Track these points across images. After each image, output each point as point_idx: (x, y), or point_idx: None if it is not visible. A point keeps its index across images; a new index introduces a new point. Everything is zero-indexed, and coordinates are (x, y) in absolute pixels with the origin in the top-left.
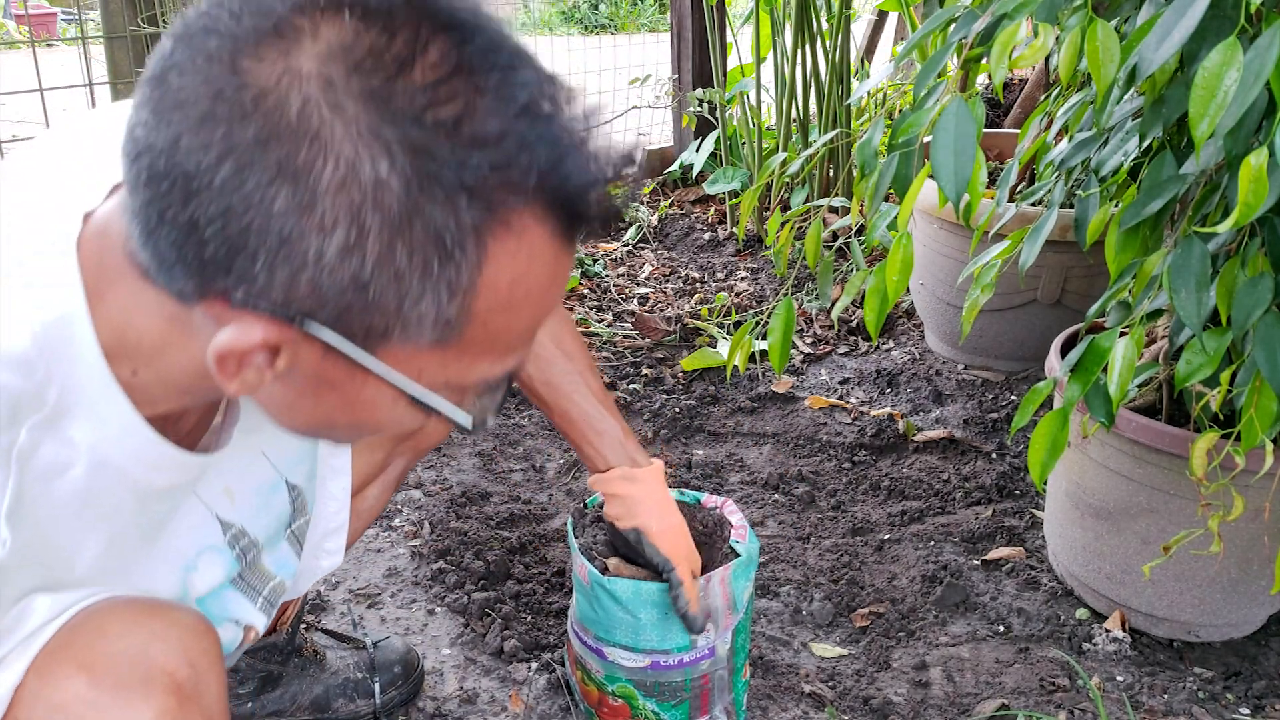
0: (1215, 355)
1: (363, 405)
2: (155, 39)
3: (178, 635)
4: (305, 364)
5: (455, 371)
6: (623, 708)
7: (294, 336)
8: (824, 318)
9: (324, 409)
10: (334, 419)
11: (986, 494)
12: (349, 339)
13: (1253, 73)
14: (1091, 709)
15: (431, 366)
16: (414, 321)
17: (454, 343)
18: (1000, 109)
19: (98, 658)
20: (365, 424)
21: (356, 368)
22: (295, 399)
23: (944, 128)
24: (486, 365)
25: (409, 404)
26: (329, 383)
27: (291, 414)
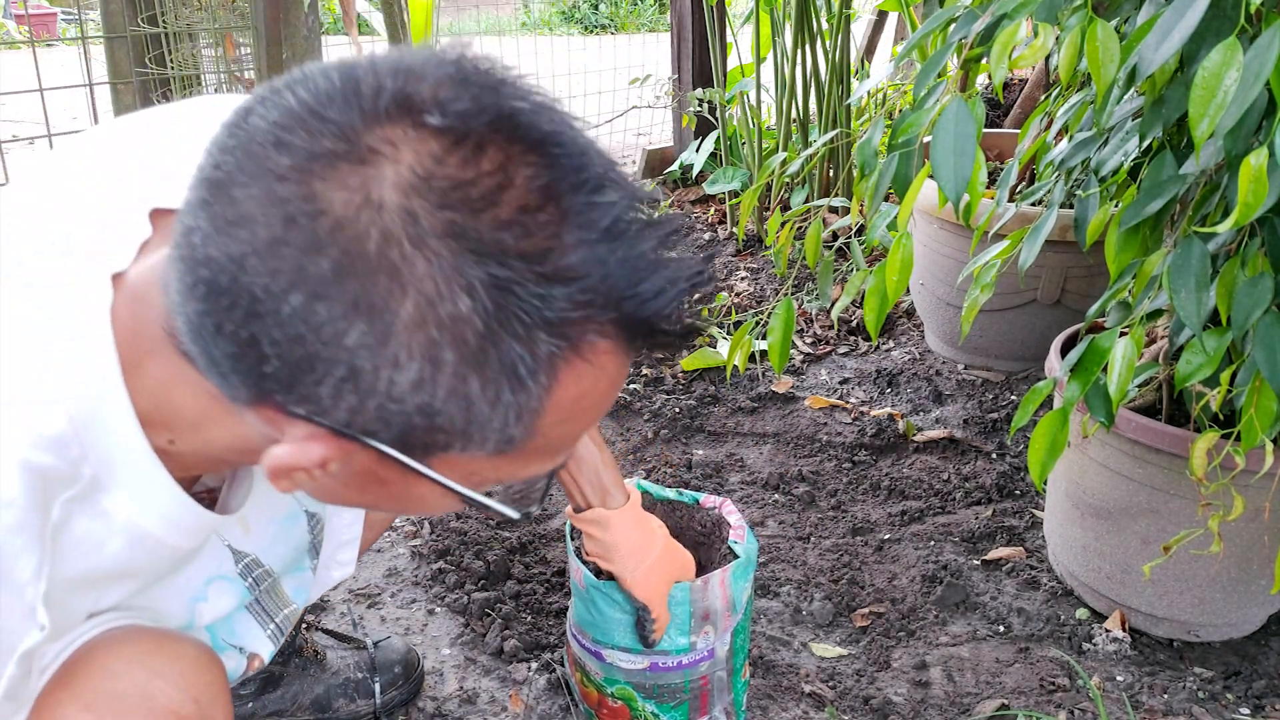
0: (1215, 355)
1: (410, 500)
2: (155, 39)
3: (180, 670)
4: (358, 464)
5: (507, 474)
6: (622, 709)
7: (353, 449)
8: (824, 318)
9: (370, 499)
10: (379, 505)
11: (986, 494)
12: (407, 453)
13: (1253, 73)
14: (1091, 709)
15: (485, 471)
16: (476, 440)
17: (511, 454)
18: (1000, 109)
19: (100, 698)
20: (409, 511)
21: (410, 472)
22: (342, 489)
23: (944, 128)
24: (538, 467)
25: (457, 500)
26: (379, 480)
27: (334, 498)
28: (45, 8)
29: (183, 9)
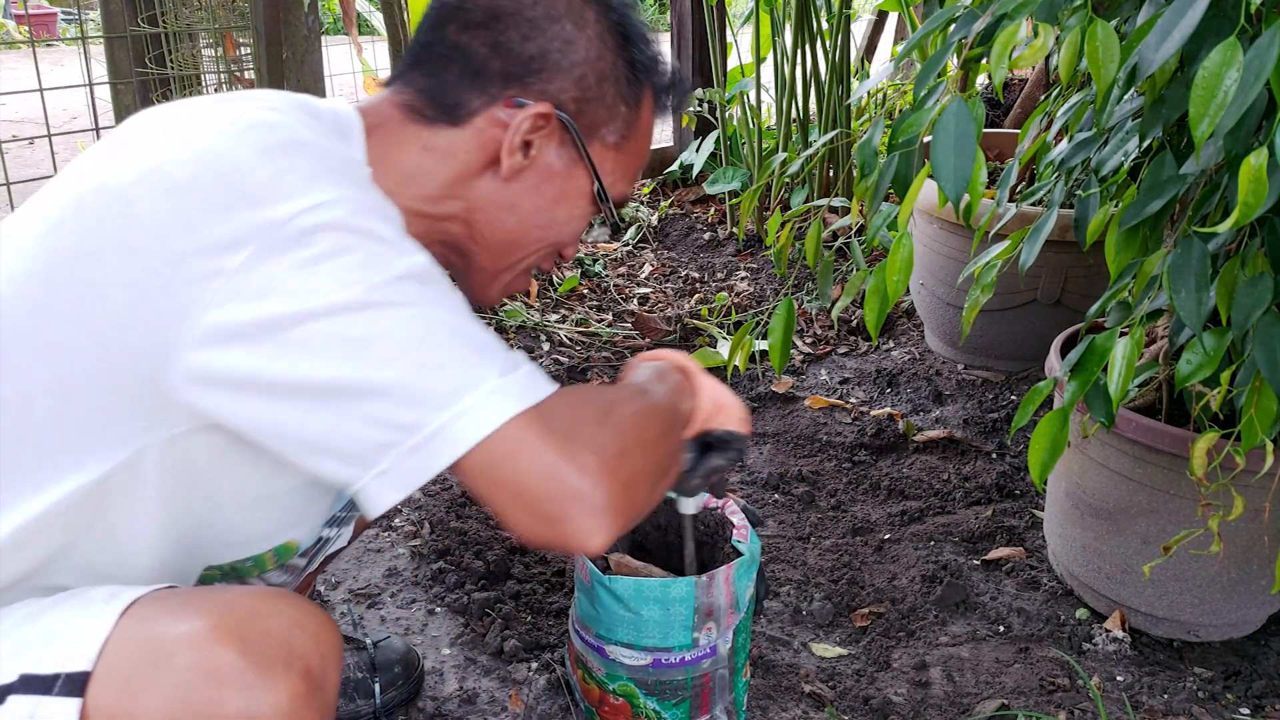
0: (1215, 355)
1: (565, 197)
2: (155, 39)
3: (315, 628)
4: (544, 156)
5: (612, 180)
6: (624, 706)
7: (553, 124)
8: (824, 318)
9: (537, 204)
10: (537, 218)
11: (986, 494)
12: (580, 133)
13: (1253, 73)
14: (1091, 709)
15: (606, 167)
16: (615, 120)
17: (622, 150)
18: (1000, 109)
19: (251, 632)
20: (554, 224)
21: (574, 159)
22: (521, 195)
23: (944, 128)
24: (623, 183)
25: (589, 200)
26: (552, 174)
27: (509, 216)
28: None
29: (183, 9)
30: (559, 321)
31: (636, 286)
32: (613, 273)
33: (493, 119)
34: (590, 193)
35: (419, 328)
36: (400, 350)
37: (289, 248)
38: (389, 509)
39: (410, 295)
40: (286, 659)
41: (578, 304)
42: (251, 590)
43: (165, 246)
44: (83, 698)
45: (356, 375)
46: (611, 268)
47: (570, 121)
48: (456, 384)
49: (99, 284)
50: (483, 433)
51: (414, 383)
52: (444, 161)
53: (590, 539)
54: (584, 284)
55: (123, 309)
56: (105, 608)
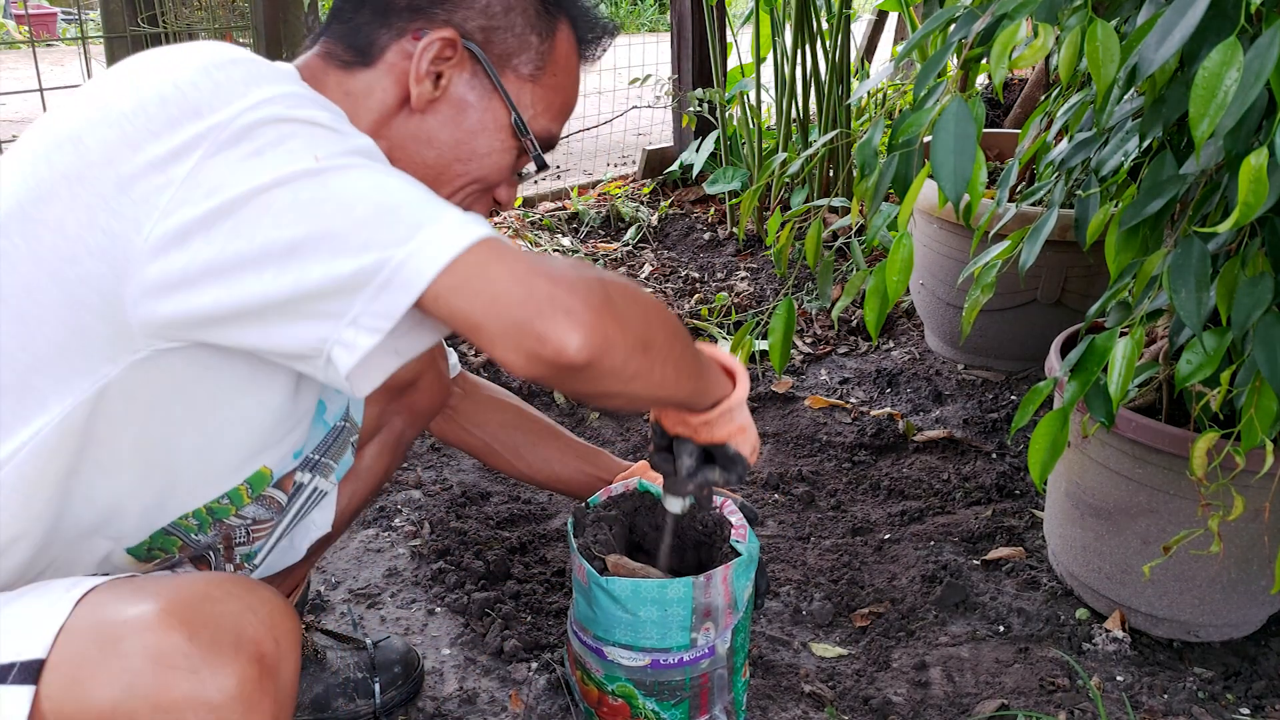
0: (1215, 355)
1: (483, 130)
2: (155, 39)
3: (268, 612)
4: (455, 88)
5: (533, 113)
6: (622, 707)
7: (462, 54)
8: (824, 318)
9: (455, 137)
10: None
11: (986, 494)
12: (489, 62)
13: (1253, 73)
14: (1091, 709)
15: (524, 100)
16: (526, 50)
17: (539, 82)
18: (1000, 109)
19: (198, 616)
20: (475, 156)
21: (487, 91)
22: (437, 129)
23: (944, 128)
24: (547, 118)
25: (509, 133)
26: (465, 105)
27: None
28: (45, 8)
29: (183, 9)
30: None
31: None
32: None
33: (401, 52)
34: (509, 124)
35: (372, 181)
36: (356, 199)
37: (234, 144)
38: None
39: (359, 162)
40: (236, 643)
41: None
42: (206, 575)
43: (114, 171)
44: (36, 685)
45: (314, 228)
46: (611, 268)
47: (478, 50)
48: (416, 218)
49: (51, 221)
50: (449, 255)
51: (373, 224)
52: (363, 102)
53: (567, 337)
54: None
55: (74, 238)
56: (64, 596)
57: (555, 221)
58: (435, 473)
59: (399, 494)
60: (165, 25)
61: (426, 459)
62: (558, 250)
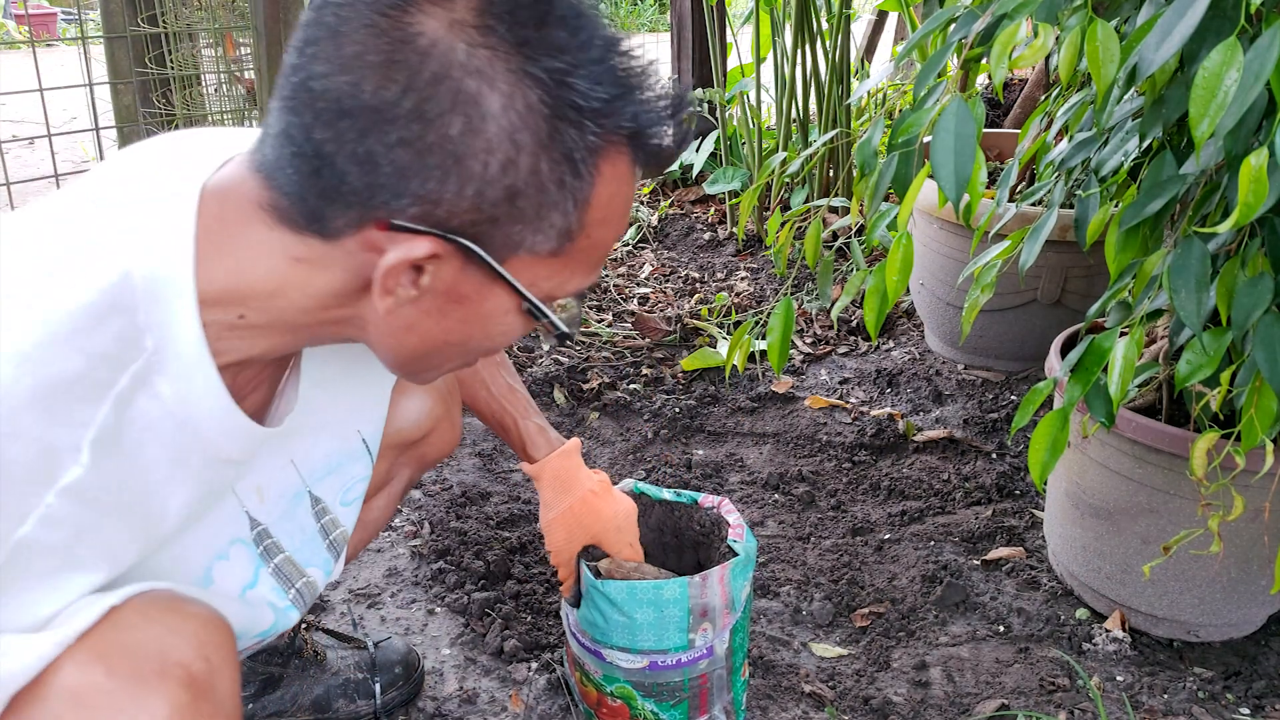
0: (1215, 355)
1: (482, 318)
2: (155, 39)
3: (193, 630)
4: (443, 279)
5: (557, 283)
6: (621, 708)
7: (448, 251)
8: (824, 318)
9: (445, 325)
10: (449, 337)
11: (986, 494)
12: (489, 252)
13: (1253, 73)
14: (1091, 709)
15: (542, 277)
16: (545, 230)
17: (565, 253)
18: (1000, 109)
19: (114, 648)
20: (474, 339)
21: (487, 279)
22: (420, 318)
23: (944, 128)
24: (579, 279)
25: (520, 314)
26: (459, 297)
27: (409, 335)
28: (45, 8)
29: (183, 9)
30: None
31: (636, 286)
32: (612, 273)
33: (366, 242)
34: (518, 308)
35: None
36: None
37: None
38: None
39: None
40: (160, 670)
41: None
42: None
43: None
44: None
45: None
46: (611, 268)
47: (470, 246)
48: None
49: None
50: None
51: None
52: (318, 274)
53: None
54: None
55: None
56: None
57: None
58: (435, 473)
59: None
60: (165, 25)
61: None
62: None
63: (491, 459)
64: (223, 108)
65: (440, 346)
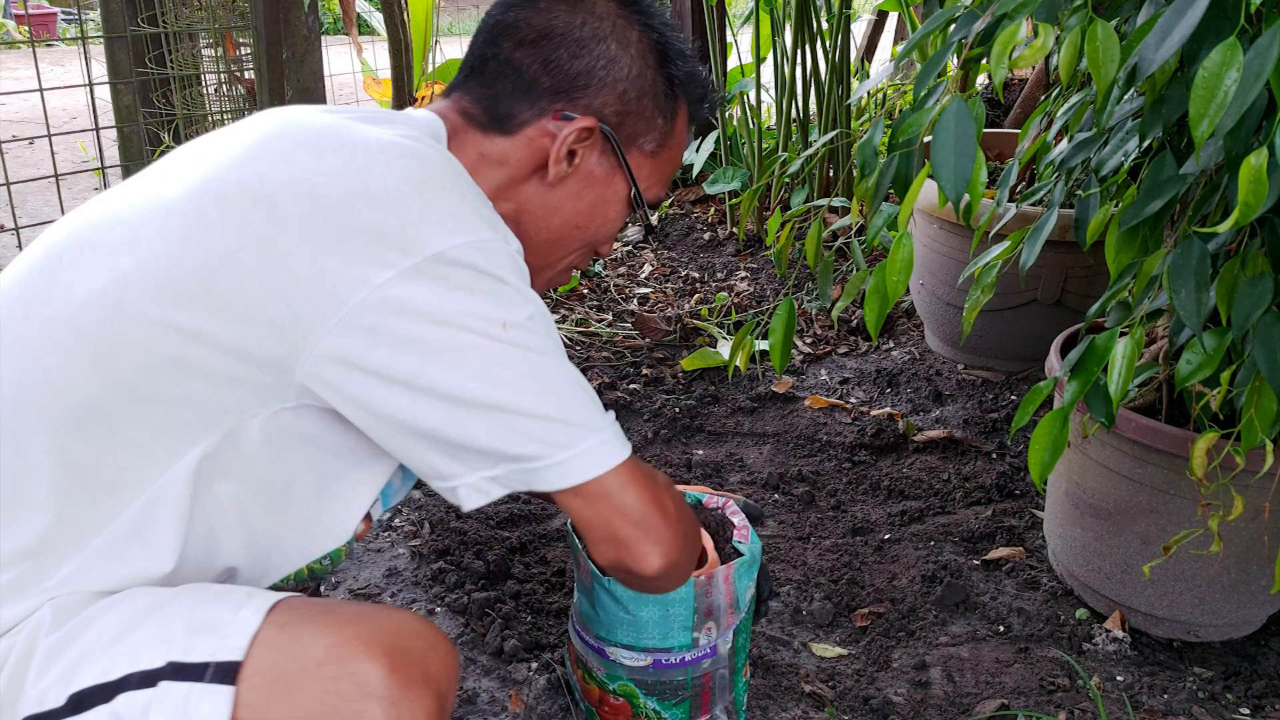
0: (1215, 355)
1: (604, 203)
2: (155, 39)
3: (445, 651)
4: (588, 163)
5: (647, 184)
6: (624, 706)
7: (596, 135)
8: (824, 318)
9: (579, 208)
10: (579, 220)
11: (986, 494)
12: (620, 143)
13: (1253, 73)
14: (1091, 709)
15: (643, 174)
16: (652, 131)
17: (658, 158)
18: (1000, 109)
19: (397, 650)
20: (593, 226)
21: (614, 167)
22: (564, 200)
23: (944, 128)
24: (656, 188)
25: (626, 204)
26: (594, 180)
27: (554, 218)
28: (45, 8)
29: (183, 9)
30: (559, 321)
31: (636, 286)
32: (613, 273)
33: (542, 130)
34: (627, 197)
35: (550, 370)
36: (534, 385)
37: (431, 276)
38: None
39: (537, 340)
40: (424, 678)
41: (578, 304)
42: (386, 609)
43: (311, 254)
44: (234, 686)
45: (493, 397)
46: (611, 267)
47: (611, 133)
48: (580, 422)
49: (234, 276)
50: (598, 470)
51: (544, 418)
52: (497, 167)
53: (652, 561)
54: (584, 284)
55: (255, 301)
56: (249, 604)
57: None
58: None
59: None
60: (165, 25)
61: None
62: None
63: None
64: (223, 108)
65: (571, 230)
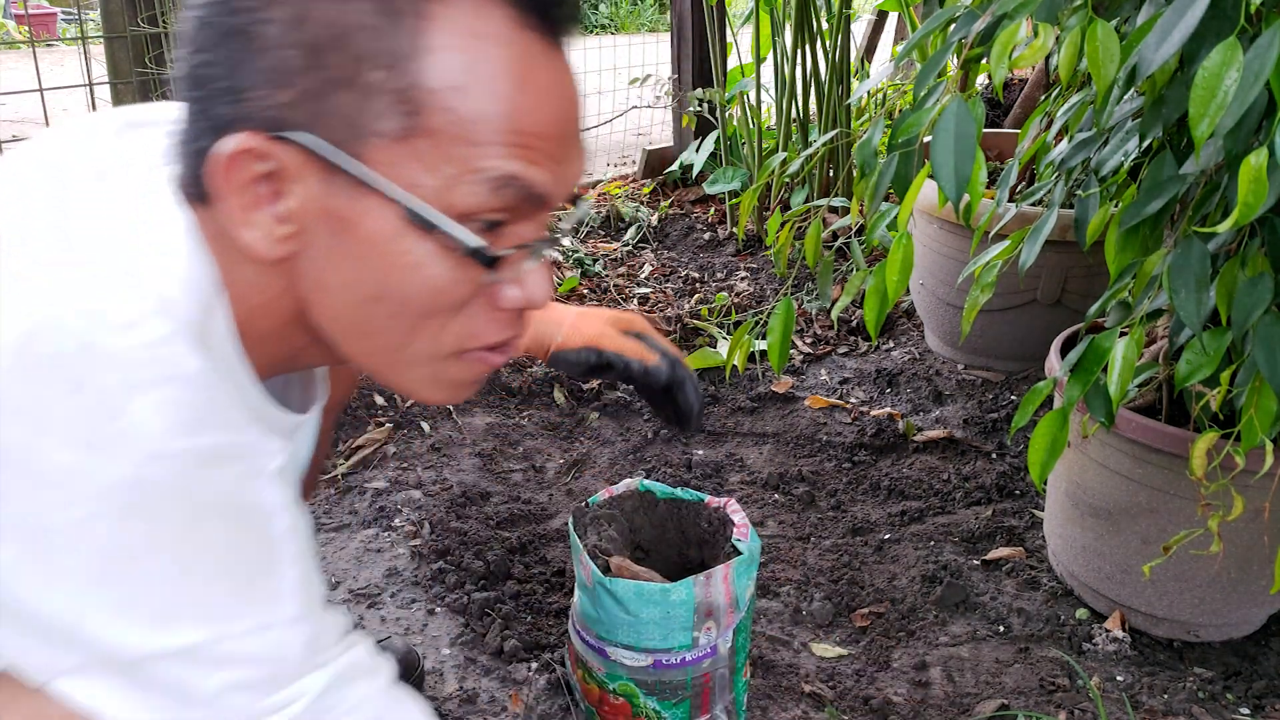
0: (1215, 355)
1: (378, 249)
2: (155, 39)
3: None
4: (310, 199)
5: (442, 180)
6: (624, 706)
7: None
8: (824, 318)
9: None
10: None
11: (986, 494)
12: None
13: (1253, 73)
14: (1091, 709)
15: (413, 170)
16: (375, 98)
17: (425, 135)
18: (1000, 109)
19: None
20: (393, 287)
21: (354, 187)
22: (318, 269)
23: (944, 128)
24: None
25: (414, 234)
26: (339, 221)
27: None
28: (45, 8)
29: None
30: None
31: (636, 286)
32: (613, 273)
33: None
34: (404, 221)
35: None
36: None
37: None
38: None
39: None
40: None
41: (578, 304)
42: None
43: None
44: None
45: None
46: (611, 268)
47: (305, 139)
48: None
49: None
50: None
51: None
52: (227, 250)
53: None
54: (584, 284)
55: None
56: None
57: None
58: (435, 473)
59: (399, 494)
60: (165, 25)
61: (426, 459)
62: (558, 250)
63: (491, 459)
64: None
65: (365, 307)
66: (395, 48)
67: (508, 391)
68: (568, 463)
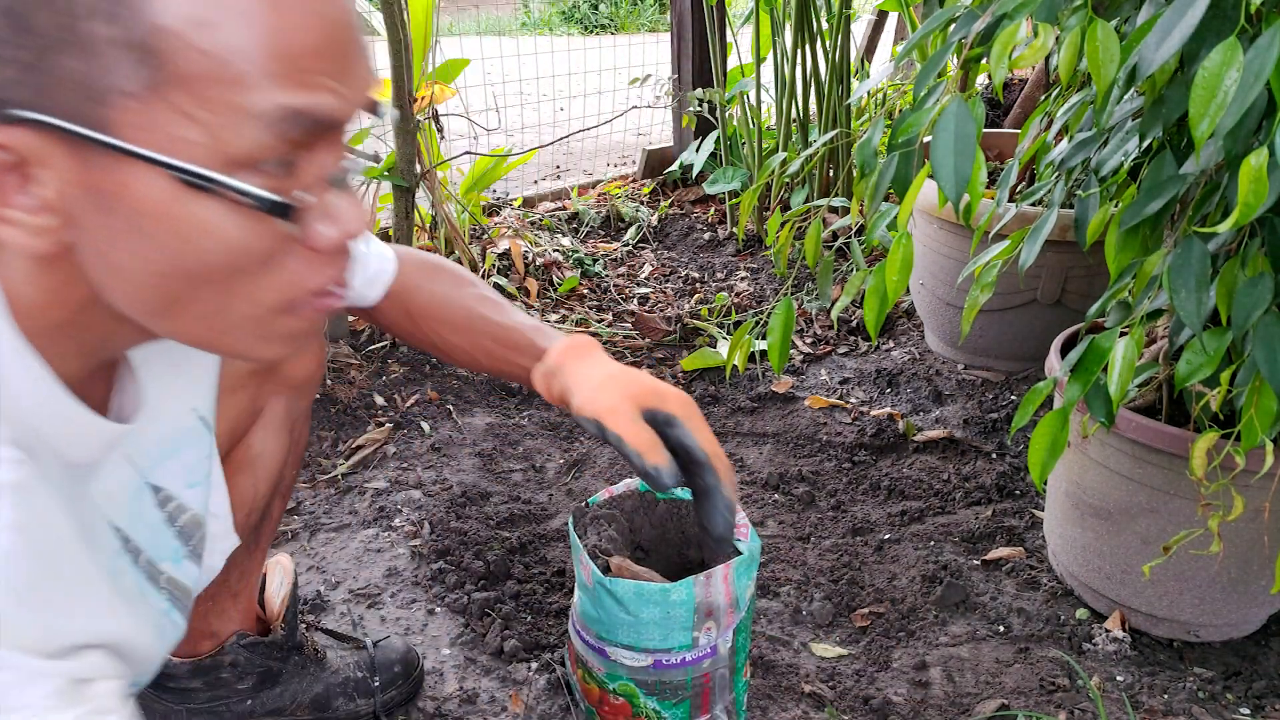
0: (1215, 355)
1: (154, 220)
2: None
3: None
4: (66, 183)
5: (208, 131)
6: (624, 706)
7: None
8: (824, 318)
9: (129, 248)
10: (150, 265)
11: (986, 494)
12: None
13: (1253, 73)
14: (1091, 709)
15: (172, 125)
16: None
17: (172, 84)
18: (1000, 109)
19: None
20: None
21: (109, 157)
22: (100, 251)
23: (944, 128)
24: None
25: (188, 196)
26: (106, 197)
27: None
28: None
29: None
30: (559, 321)
31: (636, 286)
32: (612, 273)
33: None
34: (174, 184)
35: None
36: None
37: None
38: None
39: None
40: None
41: (577, 304)
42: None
43: None
44: None
45: None
46: (611, 268)
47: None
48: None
49: None
50: None
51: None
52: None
53: None
54: (584, 284)
55: None
56: None
57: (555, 222)
58: (435, 473)
59: (399, 494)
60: None
61: (426, 459)
62: (558, 250)
63: (491, 459)
64: None
65: (164, 283)
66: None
67: (508, 391)
68: (568, 463)
